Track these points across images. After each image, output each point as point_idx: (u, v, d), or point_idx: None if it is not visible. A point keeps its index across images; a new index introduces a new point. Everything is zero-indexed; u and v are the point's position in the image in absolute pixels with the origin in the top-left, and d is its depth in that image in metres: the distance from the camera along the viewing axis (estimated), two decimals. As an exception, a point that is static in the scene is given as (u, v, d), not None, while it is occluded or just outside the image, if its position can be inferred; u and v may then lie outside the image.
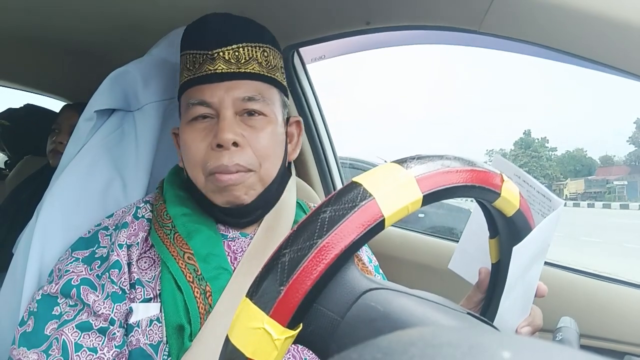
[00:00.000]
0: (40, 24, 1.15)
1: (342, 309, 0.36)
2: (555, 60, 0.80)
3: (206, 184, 0.68)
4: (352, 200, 0.34)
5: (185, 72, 0.71)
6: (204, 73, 0.68)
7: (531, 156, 38.69)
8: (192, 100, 0.68)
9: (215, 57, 0.68)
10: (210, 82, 0.68)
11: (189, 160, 0.69)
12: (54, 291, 0.63)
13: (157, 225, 0.69)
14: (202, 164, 0.67)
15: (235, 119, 0.68)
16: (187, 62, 0.71)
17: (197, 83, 0.68)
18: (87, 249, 0.67)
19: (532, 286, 0.57)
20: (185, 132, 0.69)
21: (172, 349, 0.61)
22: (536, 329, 0.59)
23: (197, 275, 0.64)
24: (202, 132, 0.68)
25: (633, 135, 40.76)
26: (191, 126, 0.69)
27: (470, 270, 0.66)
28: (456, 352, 0.16)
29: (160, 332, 0.62)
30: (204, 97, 0.68)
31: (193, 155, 0.68)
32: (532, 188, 0.60)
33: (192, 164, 0.69)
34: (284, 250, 0.34)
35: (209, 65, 0.68)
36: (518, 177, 0.61)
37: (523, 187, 0.61)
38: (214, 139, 0.66)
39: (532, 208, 0.57)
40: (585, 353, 0.18)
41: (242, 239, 0.72)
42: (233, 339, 0.34)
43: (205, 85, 0.68)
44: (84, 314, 0.61)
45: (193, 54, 0.70)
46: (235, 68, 0.68)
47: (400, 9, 0.91)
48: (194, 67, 0.69)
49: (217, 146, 0.66)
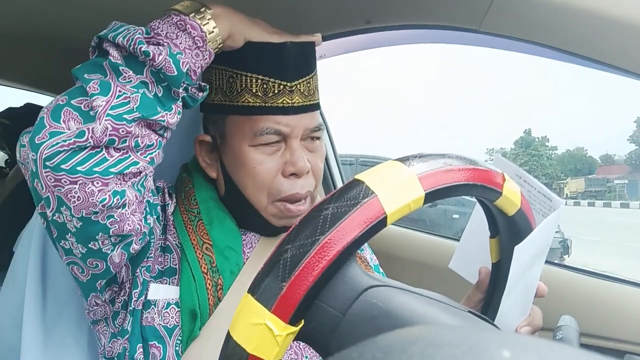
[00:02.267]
0: (40, 22, 1.15)
1: (343, 306, 0.36)
2: (556, 58, 0.80)
3: (269, 208, 0.69)
4: (355, 198, 0.34)
5: (248, 95, 0.67)
6: (280, 104, 0.67)
7: (531, 155, 38.72)
8: (265, 129, 0.66)
9: (294, 90, 0.67)
10: (286, 114, 0.67)
11: (254, 183, 0.68)
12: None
13: (182, 207, 0.69)
14: (270, 189, 0.67)
15: (300, 144, 0.69)
16: (253, 85, 0.66)
17: (271, 113, 0.67)
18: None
19: (532, 286, 0.58)
20: (251, 155, 0.67)
21: (184, 335, 0.63)
22: (536, 328, 0.59)
23: (212, 267, 0.65)
24: (270, 155, 0.68)
25: (633, 134, 40.74)
26: (258, 149, 0.67)
27: (471, 269, 0.66)
28: (457, 351, 0.17)
29: (177, 316, 0.63)
30: (280, 127, 0.67)
31: (261, 180, 0.67)
32: (533, 188, 0.61)
33: (257, 187, 0.68)
34: (286, 247, 0.34)
35: (287, 98, 0.67)
36: (519, 176, 0.61)
37: (524, 186, 0.61)
38: (290, 166, 0.67)
39: (532, 208, 0.57)
40: (585, 352, 0.18)
41: (252, 233, 0.74)
42: (235, 335, 0.34)
43: (280, 116, 0.67)
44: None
45: (264, 80, 0.66)
46: (307, 100, 0.69)
47: (400, 8, 0.91)
48: (265, 95, 0.66)
49: (291, 175, 0.67)
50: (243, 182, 0.69)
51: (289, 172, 0.67)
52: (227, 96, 0.68)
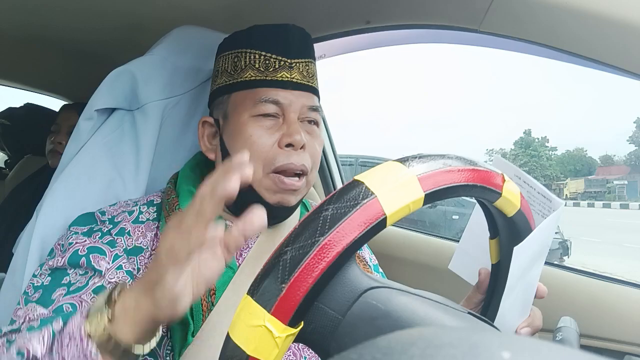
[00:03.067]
0: (40, 23, 1.15)
1: (343, 308, 0.36)
2: (556, 59, 0.80)
3: (263, 181, 0.69)
4: (354, 199, 0.34)
5: (251, 71, 0.71)
6: (279, 78, 0.70)
7: (531, 155, 38.72)
8: (265, 98, 0.69)
9: (293, 66, 0.71)
10: (285, 88, 0.70)
11: (250, 152, 0.68)
12: (61, 264, 0.62)
13: (168, 219, 0.69)
14: (266, 160, 0.68)
15: (298, 123, 0.71)
16: (255, 61, 0.71)
17: (271, 86, 0.70)
18: (85, 225, 0.67)
19: (532, 287, 0.58)
20: (250, 125, 0.69)
21: (174, 344, 0.61)
22: (535, 329, 0.59)
23: None
24: (268, 129, 0.69)
25: (633, 134, 40.73)
26: (257, 121, 0.69)
27: (470, 270, 0.66)
28: (456, 352, 0.16)
29: (164, 326, 0.62)
30: (278, 98, 0.70)
31: (258, 149, 0.68)
32: (533, 189, 0.61)
33: (253, 157, 0.68)
34: (285, 248, 0.34)
35: (286, 72, 0.71)
36: (518, 177, 0.62)
37: (523, 187, 0.61)
38: (286, 137, 0.68)
39: (532, 209, 0.57)
40: (585, 353, 0.18)
41: None
42: (234, 337, 0.34)
43: (279, 89, 0.70)
44: (95, 278, 0.61)
45: (267, 56, 0.71)
46: (306, 80, 0.72)
47: (400, 8, 0.91)
48: (266, 69, 0.71)
49: (287, 145, 0.68)
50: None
51: (284, 143, 0.68)
52: (232, 75, 0.72)
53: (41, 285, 0.62)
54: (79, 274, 0.61)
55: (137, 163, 0.84)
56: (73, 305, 0.58)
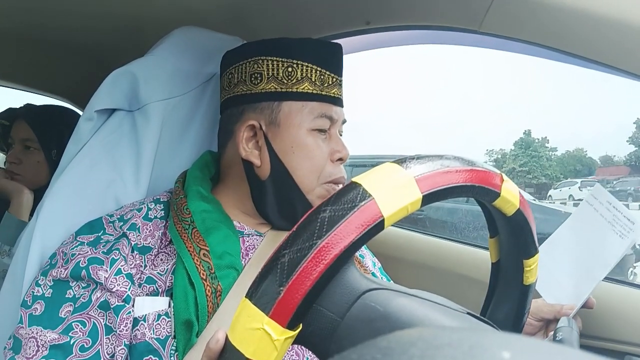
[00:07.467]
0: (40, 23, 1.15)
1: (341, 310, 0.36)
2: (556, 60, 0.80)
3: (317, 190, 0.74)
4: (352, 201, 0.34)
5: (308, 84, 0.73)
6: (333, 95, 0.75)
7: (531, 156, 38.68)
8: (323, 113, 0.74)
9: (340, 84, 0.77)
10: (336, 104, 0.76)
11: (311, 165, 0.73)
12: (63, 276, 0.63)
13: (176, 219, 0.69)
14: (323, 172, 0.74)
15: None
16: (311, 74, 0.74)
17: (326, 101, 0.75)
18: (92, 234, 0.68)
19: (594, 279, 0.65)
20: (310, 138, 0.73)
21: (179, 344, 0.62)
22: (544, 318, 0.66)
23: (211, 273, 0.64)
24: (324, 142, 0.75)
25: (633, 135, 40.69)
26: (315, 135, 0.74)
27: (551, 288, 0.73)
28: (456, 353, 0.16)
29: (169, 326, 0.62)
30: (332, 114, 0.75)
31: (317, 163, 0.73)
32: (620, 212, 0.74)
33: (312, 169, 0.73)
34: (283, 251, 0.34)
35: (337, 90, 0.76)
36: (609, 202, 0.75)
37: (610, 211, 0.74)
38: (339, 153, 0.75)
39: (613, 229, 0.73)
40: (585, 353, 0.18)
41: (256, 236, 0.74)
42: (233, 340, 0.34)
43: (332, 105, 0.75)
44: (97, 292, 0.62)
45: (322, 71, 0.74)
46: (342, 97, 0.79)
47: (400, 9, 0.91)
48: (321, 84, 0.74)
49: (338, 160, 0.75)
50: (297, 165, 0.73)
51: (336, 158, 0.75)
52: (285, 84, 0.73)
53: (42, 296, 0.63)
54: (82, 287, 0.63)
55: (137, 164, 0.84)
56: (82, 323, 0.60)
